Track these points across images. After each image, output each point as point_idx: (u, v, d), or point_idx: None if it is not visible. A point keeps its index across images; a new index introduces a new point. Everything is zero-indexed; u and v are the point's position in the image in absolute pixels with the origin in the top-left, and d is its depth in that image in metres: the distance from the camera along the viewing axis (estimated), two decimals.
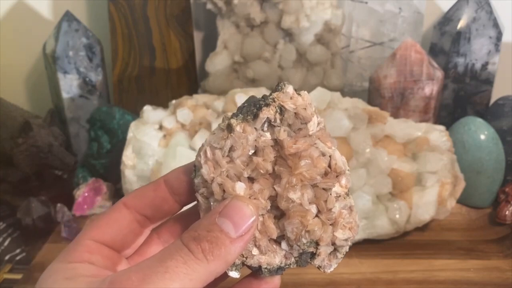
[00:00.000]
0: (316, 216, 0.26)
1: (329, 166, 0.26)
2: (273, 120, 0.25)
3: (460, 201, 0.57)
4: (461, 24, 0.64)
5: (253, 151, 0.26)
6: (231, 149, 0.25)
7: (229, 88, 0.63)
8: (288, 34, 0.65)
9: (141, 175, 0.55)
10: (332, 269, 0.27)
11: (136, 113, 0.62)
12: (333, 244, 0.26)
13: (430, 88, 0.59)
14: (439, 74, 0.60)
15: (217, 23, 0.66)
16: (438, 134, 0.55)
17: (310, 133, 0.25)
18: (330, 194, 0.25)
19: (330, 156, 0.26)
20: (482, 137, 0.58)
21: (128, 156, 0.56)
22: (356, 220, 0.26)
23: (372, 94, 0.62)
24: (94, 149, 0.64)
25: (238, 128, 0.25)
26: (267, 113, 0.25)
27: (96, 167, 0.64)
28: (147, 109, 0.58)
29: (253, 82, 0.66)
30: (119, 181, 0.58)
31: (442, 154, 0.54)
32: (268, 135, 0.25)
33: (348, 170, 0.26)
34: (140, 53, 0.69)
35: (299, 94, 0.26)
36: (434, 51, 0.67)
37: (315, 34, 0.64)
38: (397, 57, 0.59)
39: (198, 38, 0.74)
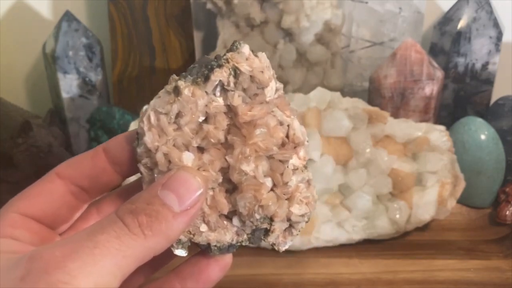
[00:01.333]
0: (271, 190, 0.24)
1: (287, 136, 0.23)
2: (226, 84, 0.23)
3: (460, 201, 0.57)
4: (461, 24, 0.64)
5: (203, 118, 0.23)
6: (179, 115, 0.23)
7: None
8: (288, 34, 0.65)
9: None
10: (286, 246, 0.25)
11: (136, 113, 0.62)
12: (289, 220, 0.24)
13: (430, 88, 0.59)
14: (439, 74, 0.60)
15: (217, 23, 0.66)
16: (438, 134, 0.55)
17: (267, 99, 0.23)
18: (287, 167, 0.23)
19: (288, 126, 0.24)
20: (482, 137, 0.58)
21: None
22: (314, 194, 0.24)
23: (372, 94, 0.62)
24: None
25: (186, 91, 0.22)
26: (220, 75, 0.22)
27: None
28: None
29: None
30: None
31: (442, 154, 0.54)
32: (220, 100, 0.23)
33: (307, 141, 0.24)
34: (140, 53, 0.69)
35: (256, 56, 0.23)
36: (434, 51, 0.67)
37: (315, 34, 0.64)
38: (397, 57, 0.59)
39: (198, 38, 0.74)
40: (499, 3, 0.66)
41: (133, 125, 0.57)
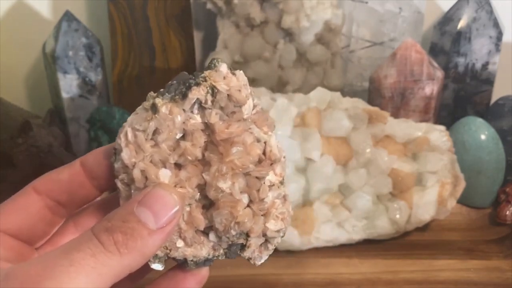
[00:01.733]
0: (248, 206, 0.24)
1: (264, 153, 0.24)
2: (203, 102, 0.23)
3: (460, 201, 0.57)
4: (461, 24, 0.64)
5: (180, 135, 0.23)
6: (156, 131, 0.23)
7: None
8: (288, 34, 0.65)
9: None
10: (262, 261, 0.25)
11: None
12: (264, 235, 0.25)
13: (430, 88, 0.59)
14: (439, 74, 0.60)
15: (217, 23, 0.66)
16: (438, 134, 0.55)
17: (245, 117, 0.23)
18: (264, 183, 0.24)
19: (265, 142, 0.24)
20: (483, 137, 0.58)
21: None
22: (289, 210, 0.25)
23: (372, 94, 0.62)
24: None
25: (163, 109, 0.23)
26: (197, 93, 0.23)
27: None
28: None
29: (253, 82, 0.66)
30: None
31: (442, 154, 0.54)
32: (198, 117, 0.23)
33: (284, 157, 0.24)
34: (140, 53, 0.69)
35: (233, 74, 0.23)
36: (434, 51, 0.67)
37: (315, 34, 0.64)
38: (397, 57, 0.59)
39: (198, 38, 0.74)
40: (499, 3, 0.66)
41: None
